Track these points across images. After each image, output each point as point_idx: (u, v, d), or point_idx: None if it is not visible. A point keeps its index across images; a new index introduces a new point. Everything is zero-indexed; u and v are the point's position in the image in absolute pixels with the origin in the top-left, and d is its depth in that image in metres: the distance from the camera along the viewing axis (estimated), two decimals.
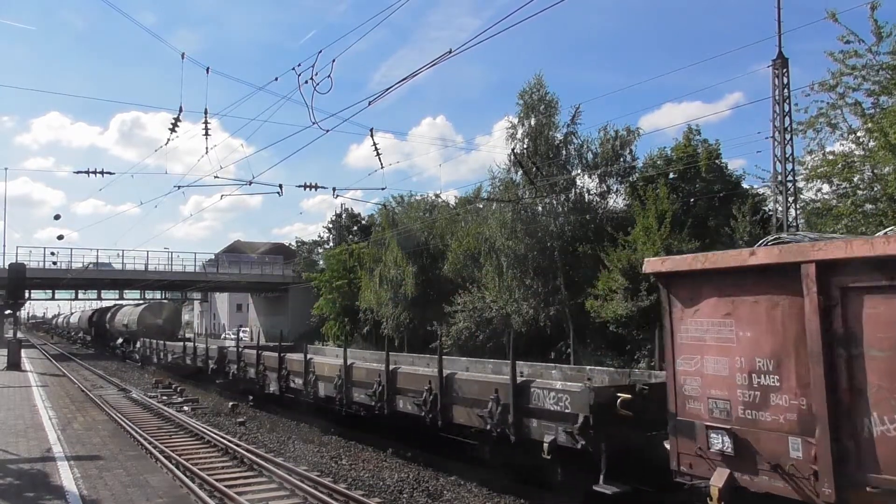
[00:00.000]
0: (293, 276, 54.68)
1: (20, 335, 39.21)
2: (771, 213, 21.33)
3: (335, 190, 20.18)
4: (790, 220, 18.66)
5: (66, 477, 9.37)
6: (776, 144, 18.69)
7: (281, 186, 19.12)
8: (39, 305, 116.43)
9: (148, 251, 57.05)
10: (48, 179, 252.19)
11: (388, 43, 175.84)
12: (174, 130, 15.31)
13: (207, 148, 15.52)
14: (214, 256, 63.27)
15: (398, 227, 36.63)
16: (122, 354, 43.11)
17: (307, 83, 11.03)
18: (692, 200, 24.93)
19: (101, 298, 62.45)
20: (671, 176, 25.87)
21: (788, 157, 18.48)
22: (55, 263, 47.77)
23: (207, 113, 15.17)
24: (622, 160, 26.98)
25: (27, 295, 47.77)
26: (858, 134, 15.68)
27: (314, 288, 46.22)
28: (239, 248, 76.85)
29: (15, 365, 28.03)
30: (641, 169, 27.32)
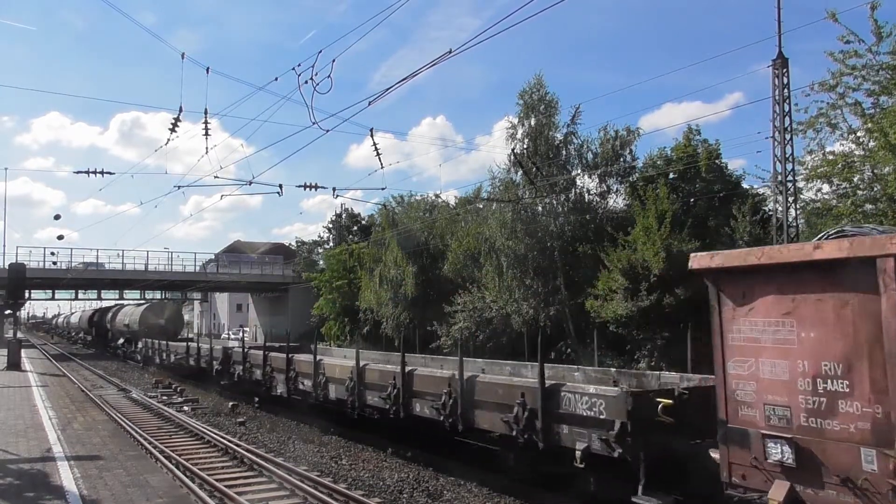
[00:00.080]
0: (293, 276, 54.69)
1: (20, 335, 39.20)
2: (771, 213, 21.32)
3: (335, 190, 20.28)
4: (790, 220, 18.64)
5: (66, 477, 9.37)
6: (776, 144, 18.67)
7: (281, 186, 19.21)
8: (39, 305, 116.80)
9: (148, 251, 57.28)
10: (48, 179, 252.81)
11: (388, 43, 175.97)
12: (174, 130, 15.37)
13: (207, 148, 15.60)
14: (214, 256, 63.36)
15: (398, 227, 36.62)
16: (123, 355, 42.86)
17: (307, 83, 11.08)
18: (692, 200, 24.92)
19: (101, 298, 62.59)
20: (671, 176, 25.87)
21: (788, 157, 18.46)
22: (55, 263, 47.82)
23: (207, 113, 15.25)
24: (622, 160, 26.96)
25: (27, 295, 47.80)
26: (858, 134, 15.70)
27: (314, 288, 46.21)
28: (239, 248, 76.86)
29: (15, 365, 28.04)
30: (641, 169, 27.32)
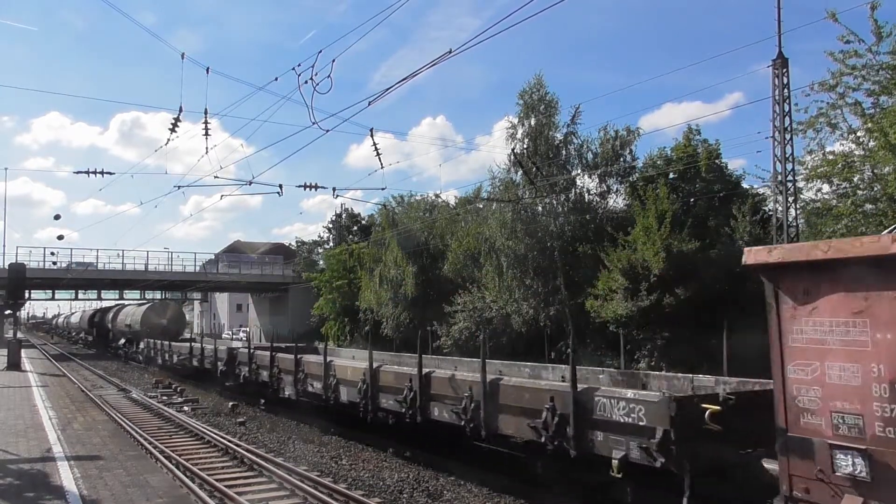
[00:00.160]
0: (293, 276, 54.70)
1: (20, 335, 39.20)
2: (771, 213, 21.33)
3: (335, 190, 20.30)
4: (790, 220, 18.64)
5: (66, 477, 9.37)
6: (776, 144, 18.67)
7: (281, 186, 19.22)
8: (39, 305, 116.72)
9: (148, 251, 57.30)
10: (48, 179, 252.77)
11: (388, 43, 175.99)
12: (174, 130, 15.38)
13: (207, 148, 15.62)
14: (214, 256, 63.38)
15: (398, 227, 36.62)
16: (124, 355, 42.52)
17: (307, 83, 11.10)
18: (692, 200, 24.90)
19: (101, 298, 62.63)
20: (671, 176, 25.85)
21: (788, 157, 18.46)
22: (55, 263, 47.82)
23: (207, 113, 15.27)
24: (622, 160, 26.96)
25: (27, 295, 47.79)
26: (858, 134, 15.71)
27: (314, 288, 46.21)
28: (239, 248, 76.90)
29: (15, 365, 28.04)
30: (641, 169, 27.31)
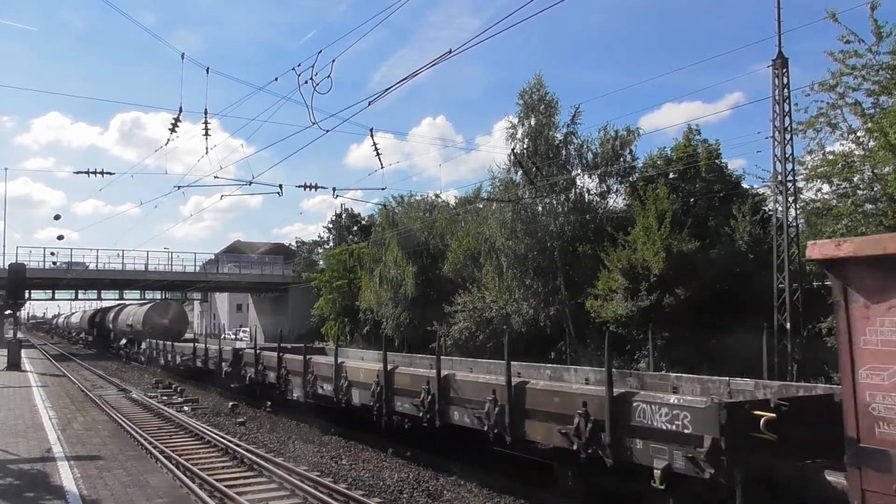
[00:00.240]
0: (293, 276, 54.72)
1: (20, 335, 39.18)
2: (771, 212, 21.33)
3: (335, 190, 20.36)
4: (790, 220, 18.63)
5: (66, 477, 9.37)
6: (776, 144, 18.64)
7: (281, 186, 19.24)
8: (39, 305, 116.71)
9: (148, 251, 57.13)
10: (48, 179, 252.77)
11: (388, 43, 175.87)
12: (174, 130, 15.40)
13: (207, 148, 15.64)
14: (214, 256, 63.39)
15: (398, 227, 36.64)
16: (125, 356, 42.12)
17: (307, 83, 11.11)
18: (692, 200, 24.91)
19: (101, 298, 62.65)
20: (671, 176, 25.86)
21: (788, 157, 18.43)
22: (55, 264, 47.80)
23: (207, 113, 15.30)
24: (622, 160, 26.97)
25: (27, 295, 47.79)
26: (858, 134, 15.69)
27: (314, 288, 46.23)
28: (239, 248, 76.89)
29: (15, 365, 28.04)
30: (641, 169, 27.32)
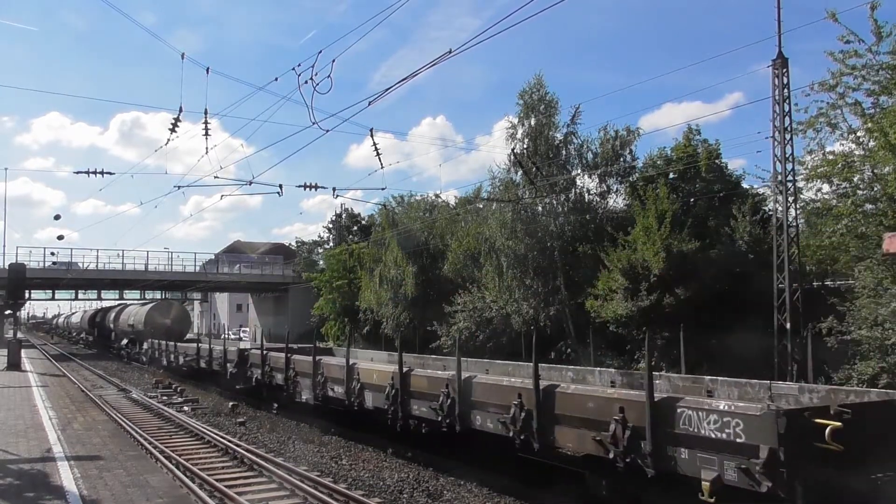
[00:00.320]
0: (293, 276, 54.69)
1: (20, 335, 39.17)
2: (771, 212, 21.32)
3: (335, 190, 20.28)
4: (790, 220, 18.62)
5: (66, 477, 9.37)
6: (776, 144, 18.63)
7: (281, 186, 19.15)
8: (39, 305, 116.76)
9: (148, 251, 57.19)
10: (48, 179, 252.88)
11: (388, 43, 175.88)
12: (174, 130, 15.36)
13: (207, 148, 15.60)
14: (214, 256, 63.34)
15: (398, 227, 36.60)
16: (127, 356, 41.74)
17: (307, 83, 11.09)
18: (692, 200, 24.89)
19: (101, 298, 62.64)
20: (671, 176, 25.83)
21: (788, 157, 18.42)
22: (55, 264, 47.77)
23: (207, 113, 15.26)
24: (622, 160, 26.93)
25: (27, 295, 47.77)
26: (858, 134, 15.68)
27: (314, 288, 46.21)
28: (239, 248, 76.87)
29: (15, 365, 28.05)
30: (641, 169, 27.29)
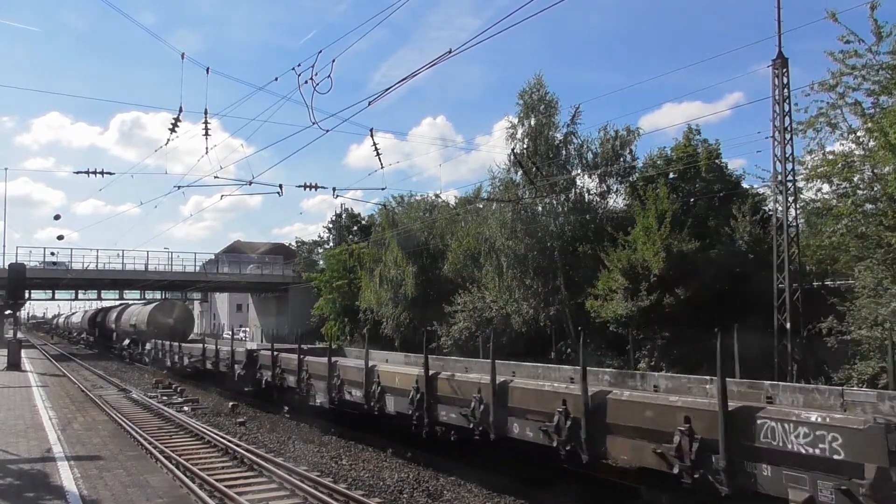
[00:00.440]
0: (293, 276, 54.68)
1: (20, 335, 39.15)
2: (771, 212, 21.32)
3: (335, 190, 20.29)
4: (790, 219, 18.62)
5: (66, 477, 9.37)
6: (776, 144, 18.63)
7: (281, 186, 19.15)
8: (39, 305, 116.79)
9: (148, 251, 57.26)
10: (48, 179, 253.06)
11: (388, 43, 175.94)
12: (174, 130, 15.36)
13: (207, 148, 15.60)
14: (214, 256, 63.35)
15: (398, 227, 36.60)
16: (129, 357, 41.31)
17: (307, 83, 11.08)
18: (692, 200, 24.89)
19: (101, 298, 62.64)
20: (671, 176, 25.83)
21: (788, 157, 18.42)
22: (54, 264, 47.76)
23: (207, 113, 15.26)
24: (622, 160, 26.93)
25: (27, 295, 47.75)
26: (858, 134, 15.66)
27: (314, 288, 46.21)
28: (239, 248, 76.87)
29: (15, 365, 28.05)
30: (641, 169, 27.28)
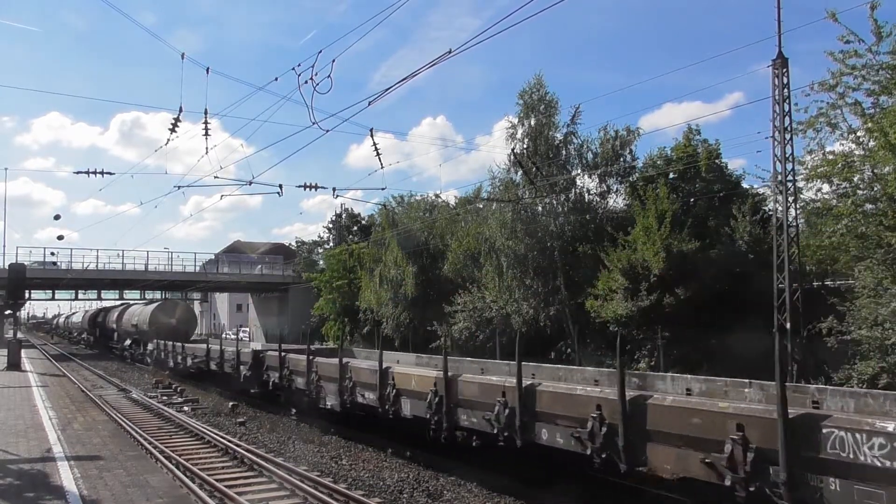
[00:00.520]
0: (293, 276, 54.67)
1: (20, 335, 39.14)
2: (771, 212, 21.32)
3: (335, 190, 20.31)
4: (790, 219, 18.62)
5: (66, 477, 9.37)
6: (776, 144, 18.62)
7: (281, 186, 19.15)
8: (39, 306, 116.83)
9: (148, 251, 57.24)
10: (48, 179, 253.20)
11: (388, 43, 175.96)
12: (174, 130, 15.37)
13: (207, 148, 15.61)
14: (214, 256, 63.33)
15: (398, 227, 36.61)
16: (130, 357, 41.01)
17: (307, 83, 11.09)
18: (692, 200, 24.90)
19: (101, 298, 62.64)
20: (671, 176, 25.84)
21: (788, 157, 18.41)
22: (55, 264, 47.76)
23: (207, 113, 15.26)
24: (622, 160, 26.95)
25: (27, 295, 47.74)
26: (858, 134, 15.66)
27: (314, 288, 46.22)
28: (239, 248, 76.86)
29: (15, 365, 28.05)
30: (641, 169, 27.29)
